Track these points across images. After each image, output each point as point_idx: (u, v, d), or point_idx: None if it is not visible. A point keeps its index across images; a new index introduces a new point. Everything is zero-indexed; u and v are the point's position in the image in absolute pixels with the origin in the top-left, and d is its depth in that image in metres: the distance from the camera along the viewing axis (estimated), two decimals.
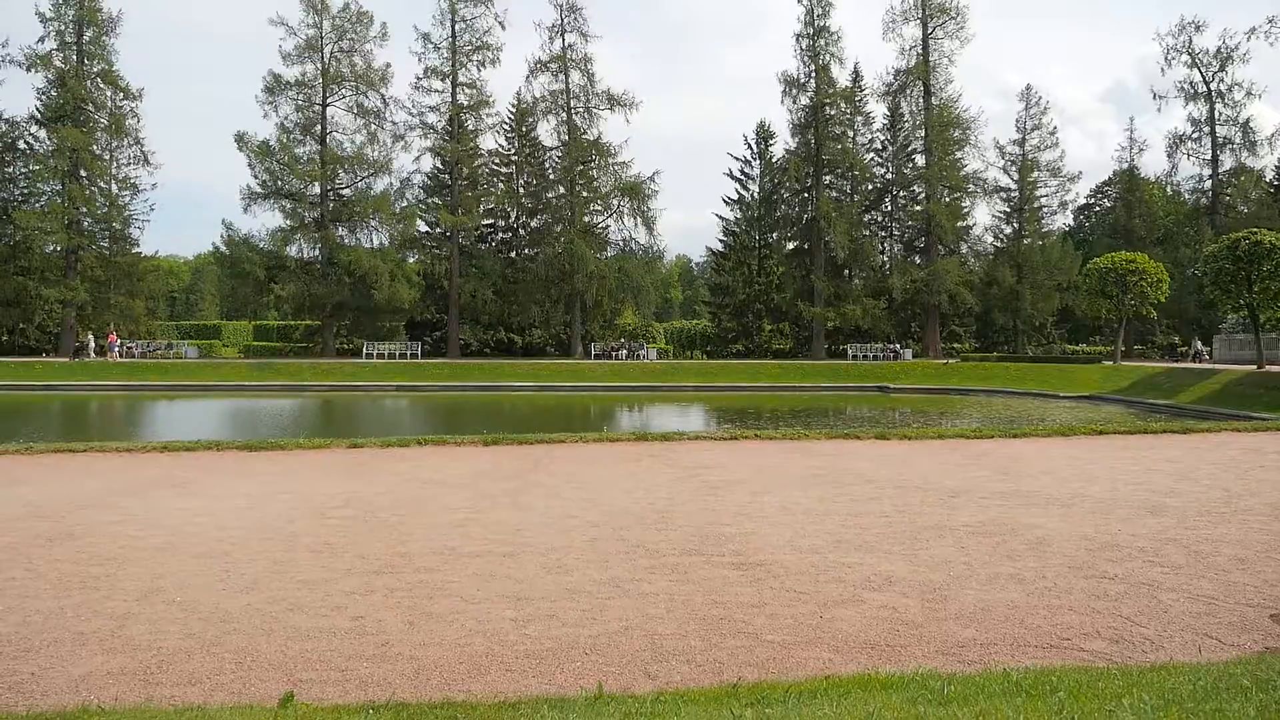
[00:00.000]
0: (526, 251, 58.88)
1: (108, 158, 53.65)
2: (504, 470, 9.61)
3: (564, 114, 55.57)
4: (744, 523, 6.68)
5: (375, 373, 43.08)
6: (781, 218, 59.81)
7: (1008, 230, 60.34)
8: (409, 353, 51.40)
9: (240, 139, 52.21)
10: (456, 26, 54.88)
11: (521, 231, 59.53)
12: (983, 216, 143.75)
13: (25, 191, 52.87)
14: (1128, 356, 47.97)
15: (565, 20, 55.06)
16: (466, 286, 54.61)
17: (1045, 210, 60.96)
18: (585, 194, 56.22)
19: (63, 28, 51.73)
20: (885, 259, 60.08)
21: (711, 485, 8.52)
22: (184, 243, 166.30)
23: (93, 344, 47.97)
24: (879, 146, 59.48)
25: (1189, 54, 57.19)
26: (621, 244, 57.18)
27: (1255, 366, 32.88)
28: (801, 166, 57.46)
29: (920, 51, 56.06)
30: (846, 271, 58.19)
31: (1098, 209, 69.43)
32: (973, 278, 57.53)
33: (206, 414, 28.49)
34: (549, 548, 5.85)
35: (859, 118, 58.51)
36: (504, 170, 58.76)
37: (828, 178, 57.18)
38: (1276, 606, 4.44)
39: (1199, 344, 50.77)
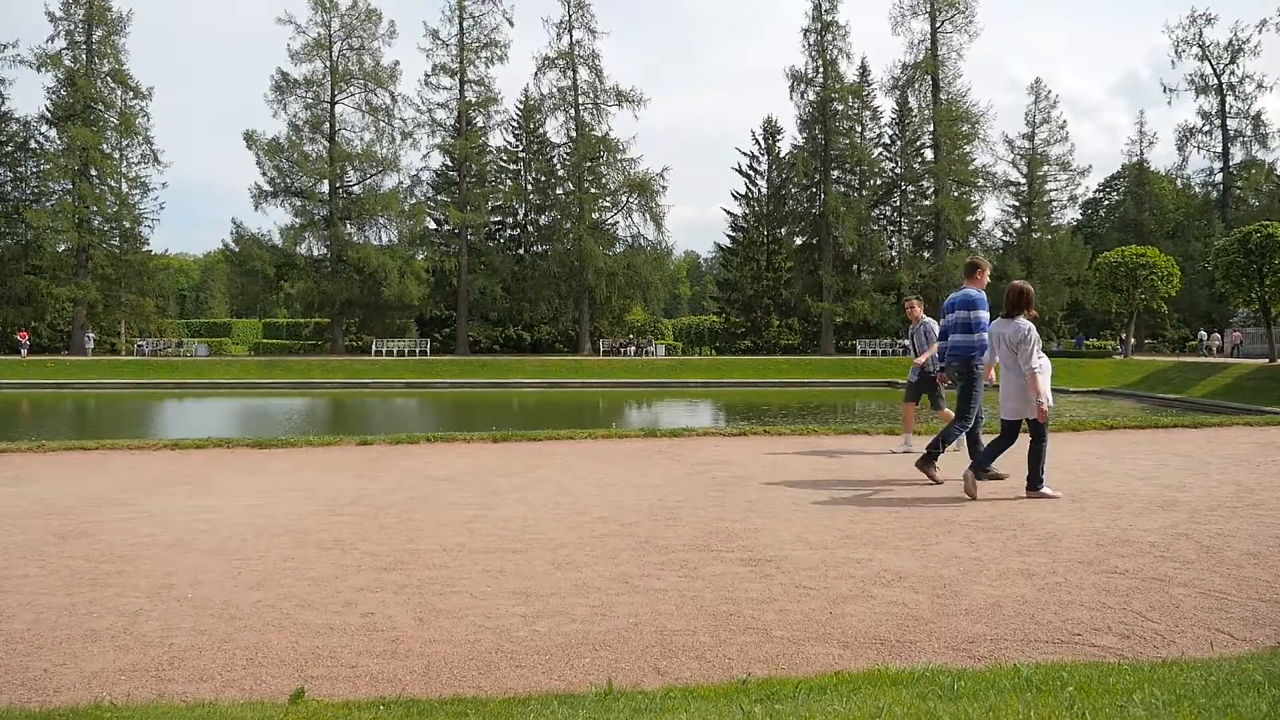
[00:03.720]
0: (535, 248, 58.82)
1: (117, 156, 53.85)
2: (513, 467, 9.62)
3: (572, 110, 55.52)
4: (753, 519, 6.68)
5: (384, 370, 43.18)
6: (789, 213, 59.64)
7: (1017, 225, 60.07)
8: (418, 350, 51.47)
9: (249, 137, 52.34)
10: (465, 24, 54.90)
11: (530, 228, 59.51)
12: (992, 211, 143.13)
13: (36, 191, 53.13)
14: (1138, 350, 47.70)
15: (573, 16, 55.03)
16: (475, 283, 54.63)
17: (1054, 204, 60.69)
18: (594, 190, 56.16)
19: (72, 27, 51.93)
20: (894, 254, 59.86)
21: (721, 481, 8.51)
22: (194, 241, 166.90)
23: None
24: (887, 141, 59.25)
25: (1199, 46, 56.92)
26: (630, 240, 57.13)
27: (1267, 360, 32.70)
28: (809, 161, 57.24)
29: (928, 45, 55.84)
30: (855, 266, 58.04)
31: (1107, 203, 69.04)
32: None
33: (217, 412, 28.61)
34: (558, 544, 5.86)
35: (867, 112, 58.32)
36: (512, 167, 58.69)
37: (835, 173, 57.01)
38: None
39: (1206, 333, 50.30)
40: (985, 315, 8.44)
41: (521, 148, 57.55)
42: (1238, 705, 2.69)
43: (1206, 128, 57.53)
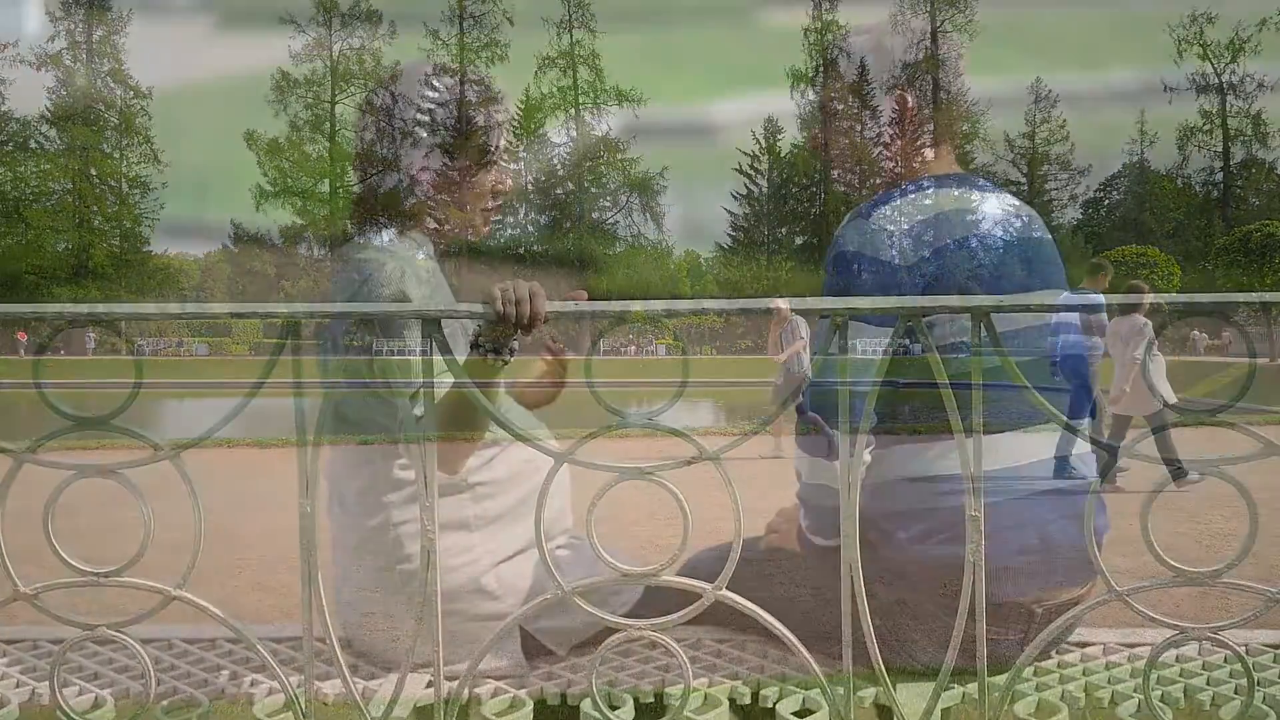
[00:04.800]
0: (535, 248, 58.82)
1: (118, 156, 53.77)
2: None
3: (572, 110, 55.49)
4: (754, 518, 6.67)
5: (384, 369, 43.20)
6: (789, 212, 59.60)
7: (1017, 224, 60.01)
8: (418, 349, 51.45)
9: (249, 137, 52.30)
10: (465, 23, 54.83)
11: (530, 228, 59.49)
12: (992, 210, 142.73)
13: (36, 190, 53.02)
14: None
15: (572, 16, 55.00)
16: (475, 283, 54.70)
17: (1055, 204, 60.64)
18: (594, 190, 56.14)
19: (73, 27, 51.88)
20: (894, 253, 59.81)
21: (721, 481, 8.51)
22: (194, 241, 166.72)
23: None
24: (887, 140, 59.27)
25: (1200, 45, 56.85)
26: (630, 240, 57.11)
27: (1267, 360, 32.70)
28: (809, 161, 57.32)
29: (929, 44, 55.89)
30: (855, 266, 58.11)
31: (1108, 203, 68.92)
32: (982, 271, 57.22)
33: (217, 412, 28.61)
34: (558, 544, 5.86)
35: (866, 112, 58.38)
36: (512, 167, 58.64)
37: (835, 172, 57.13)
38: None
39: (1199, 332, 50.21)
40: (1103, 319, 8.47)
41: (522, 148, 57.62)
42: (1238, 704, 2.68)
43: (1207, 127, 57.55)
